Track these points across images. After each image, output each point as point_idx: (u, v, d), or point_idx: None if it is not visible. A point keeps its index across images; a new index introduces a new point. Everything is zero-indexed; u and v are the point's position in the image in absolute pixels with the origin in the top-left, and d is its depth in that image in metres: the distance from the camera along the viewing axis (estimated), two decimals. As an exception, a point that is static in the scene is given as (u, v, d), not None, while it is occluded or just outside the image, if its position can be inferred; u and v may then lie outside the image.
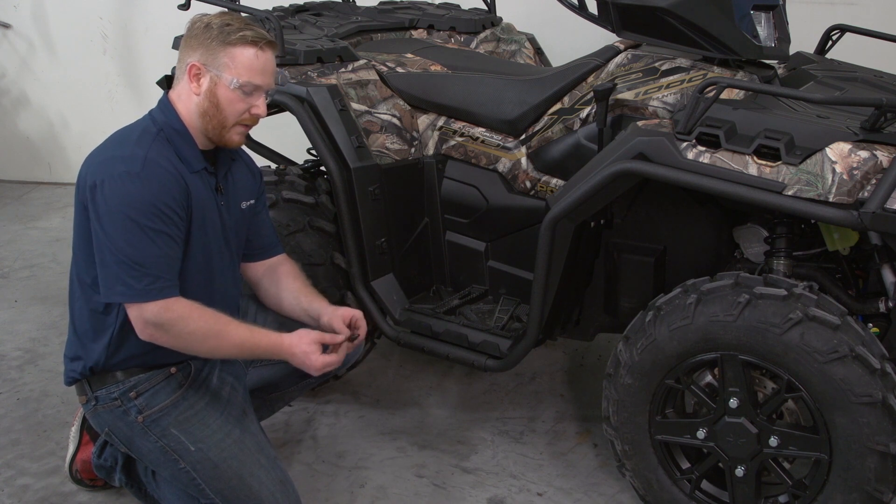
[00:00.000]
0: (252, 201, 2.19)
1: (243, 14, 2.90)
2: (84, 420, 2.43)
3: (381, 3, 3.40)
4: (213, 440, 2.03)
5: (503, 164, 2.51)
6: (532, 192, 2.47)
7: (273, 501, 2.04)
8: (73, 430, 2.44)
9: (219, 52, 1.95)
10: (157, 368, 2.03)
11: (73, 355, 2.08)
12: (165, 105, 2.02)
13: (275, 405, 2.46)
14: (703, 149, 1.96)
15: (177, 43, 2.79)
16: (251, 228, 2.23)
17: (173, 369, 2.05)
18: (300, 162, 2.96)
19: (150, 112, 2.05)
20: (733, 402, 2.04)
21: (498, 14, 3.31)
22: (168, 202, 1.90)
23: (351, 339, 2.13)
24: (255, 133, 3.14)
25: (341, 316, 2.16)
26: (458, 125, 2.58)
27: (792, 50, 2.37)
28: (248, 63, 1.97)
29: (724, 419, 2.06)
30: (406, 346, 2.58)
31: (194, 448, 2.02)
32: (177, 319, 1.90)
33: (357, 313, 2.19)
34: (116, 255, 1.87)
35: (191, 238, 1.98)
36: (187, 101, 2.00)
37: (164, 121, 2.01)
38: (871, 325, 2.14)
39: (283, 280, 2.27)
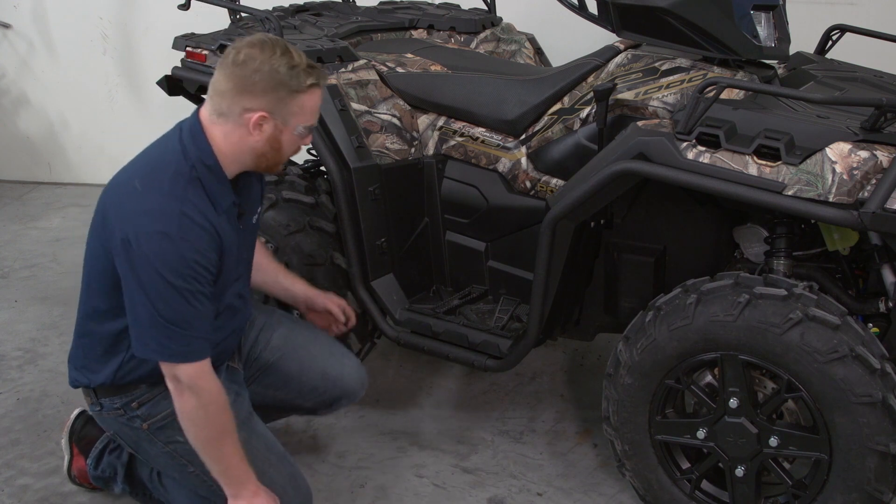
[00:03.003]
0: (260, 208, 2.16)
1: (243, 14, 2.92)
2: (71, 432, 2.40)
3: (381, 3, 3.40)
4: None
5: (503, 164, 2.51)
6: (532, 192, 2.47)
7: (285, 498, 2.06)
8: (63, 442, 2.42)
9: (289, 101, 1.85)
10: (162, 384, 2.00)
11: (80, 366, 2.07)
12: (199, 135, 1.88)
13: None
14: (703, 149, 1.96)
15: (177, 43, 2.80)
16: None
17: None
18: (300, 162, 2.96)
19: (181, 139, 1.90)
20: (733, 402, 2.04)
21: (498, 14, 3.31)
22: (202, 262, 1.84)
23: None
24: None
25: (337, 304, 2.35)
26: (458, 125, 2.58)
27: (792, 50, 2.37)
28: (314, 107, 1.92)
29: (724, 419, 2.06)
30: (406, 346, 2.58)
31: None
32: (205, 392, 1.87)
33: (342, 302, 2.43)
34: (151, 314, 1.81)
35: (216, 280, 1.94)
36: (237, 142, 1.88)
37: (196, 156, 1.88)
38: (871, 325, 2.14)
39: (258, 257, 2.25)
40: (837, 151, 1.85)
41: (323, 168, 2.76)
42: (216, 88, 1.87)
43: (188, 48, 2.73)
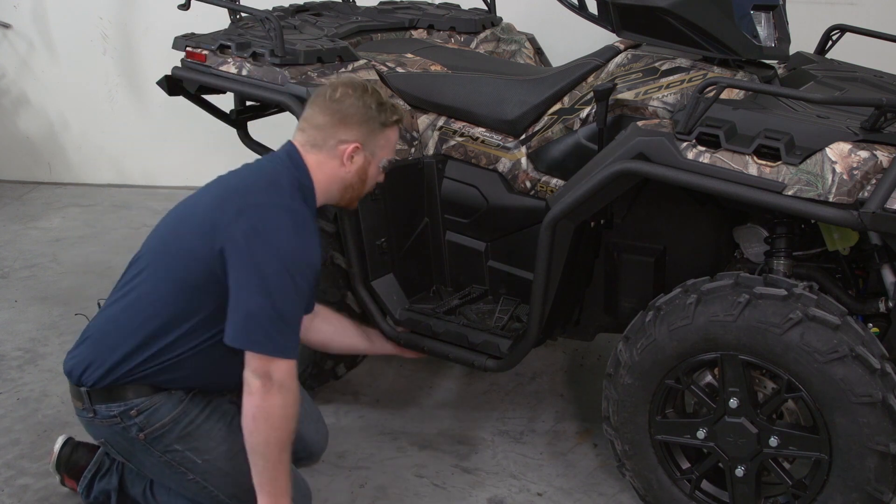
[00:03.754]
0: None
1: (243, 14, 2.92)
2: (58, 464, 2.34)
3: (381, 3, 3.40)
4: (220, 450, 2.02)
5: (503, 164, 2.51)
6: (532, 192, 2.47)
7: None
8: (51, 469, 2.37)
9: (377, 134, 2.05)
10: (165, 391, 2.00)
11: (88, 360, 2.01)
12: (300, 164, 2.02)
13: None
14: (703, 149, 1.96)
15: (177, 43, 2.80)
16: None
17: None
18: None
19: (287, 164, 2.01)
20: (733, 402, 2.04)
21: (498, 14, 3.31)
22: (316, 266, 1.96)
23: None
24: (255, 133, 3.16)
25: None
26: (458, 125, 2.58)
27: (792, 50, 2.37)
28: (395, 142, 2.15)
29: (724, 419, 2.06)
30: (406, 347, 2.58)
31: (201, 461, 2.01)
32: (291, 392, 1.88)
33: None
34: (265, 306, 1.83)
35: None
36: (329, 172, 2.03)
37: (302, 182, 2.00)
38: (871, 325, 2.14)
39: (330, 315, 2.42)
40: (837, 151, 1.85)
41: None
42: (311, 122, 2.04)
43: (188, 48, 2.73)
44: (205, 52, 2.68)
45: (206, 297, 1.92)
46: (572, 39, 3.43)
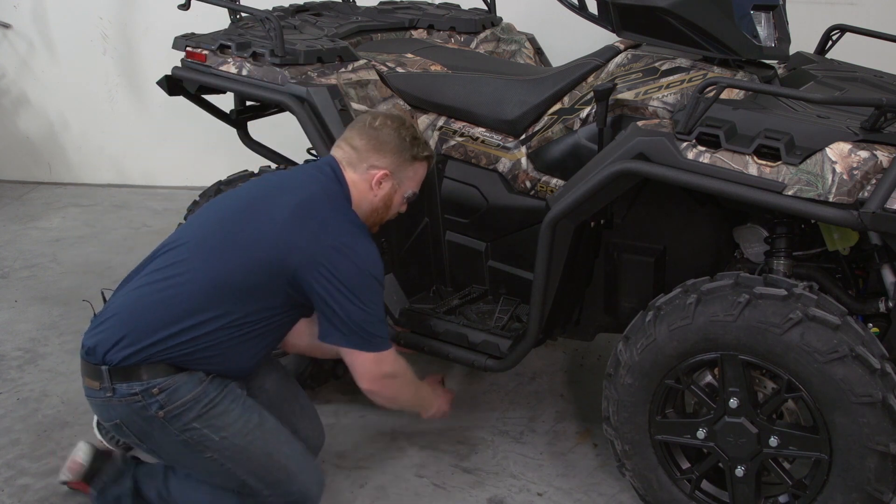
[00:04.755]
0: None
1: (243, 14, 2.92)
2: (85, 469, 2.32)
3: (381, 3, 3.40)
4: (237, 427, 2.07)
5: (503, 164, 2.51)
6: (532, 192, 2.47)
7: (301, 470, 2.15)
8: (70, 474, 2.31)
9: (407, 166, 2.20)
10: (186, 371, 2.04)
11: (117, 338, 2.01)
12: (343, 180, 2.15)
13: None
14: (703, 149, 1.96)
15: (177, 43, 2.80)
16: None
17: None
18: (300, 162, 2.96)
19: (332, 178, 2.14)
20: (733, 402, 2.04)
21: (498, 14, 3.31)
22: (381, 262, 2.14)
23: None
24: (255, 133, 3.16)
25: None
26: (458, 125, 2.58)
27: (792, 50, 2.37)
28: (423, 177, 2.29)
29: (724, 419, 2.06)
30: (406, 347, 2.58)
31: (218, 438, 2.05)
32: (400, 367, 2.20)
33: None
34: (364, 313, 2.04)
35: None
36: (361, 192, 2.17)
37: (346, 195, 2.15)
38: (871, 325, 2.14)
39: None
40: (837, 151, 1.85)
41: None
42: (349, 142, 2.19)
43: (188, 48, 2.73)
44: (205, 52, 2.68)
45: (254, 300, 2.04)
46: (572, 39, 3.43)
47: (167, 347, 2.01)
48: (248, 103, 3.09)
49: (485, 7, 3.34)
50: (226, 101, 2.99)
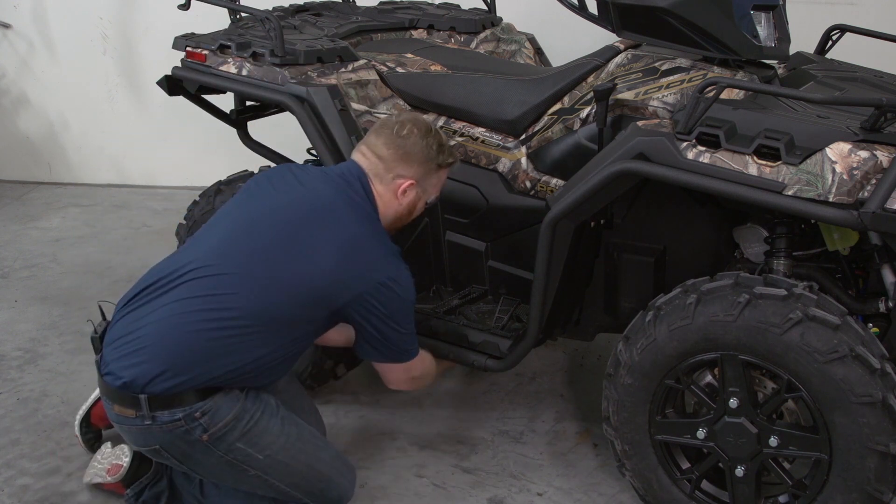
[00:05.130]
0: None
1: (243, 14, 2.92)
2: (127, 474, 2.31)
3: (381, 3, 3.40)
4: (279, 444, 2.08)
5: (503, 164, 2.51)
6: (532, 192, 2.47)
7: (339, 475, 2.21)
8: (114, 476, 2.31)
9: (432, 174, 2.23)
10: (221, 391, 2.02)
11: (157, 373, 1.95)
12: (372, 196, 2.17)
13: None
14: (703, 149, 1.96)
15: (177, 43, 2.80)
16: None
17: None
18: (300, 162, 2.96)
19: (364, 197, 2.16)
20: (733, 402, 2.04)
21: (498, 14, 3.31)
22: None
23: None
24: (255, 133, 3.16)
25: None
26: (458, 125, 2.58)
27: (792, 50, 2.37)
28: (444, 182, 2.33)
29: (724, 419, 2.06)
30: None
31: (262, 456, 2.06)
32: (425, 367, 2.32)
33: None
34: (402, 334, 2.14)
35: None
36: (387, 203, 2.19)
37: (371, 207, 2.17)
38: (871, 325, 2.14)
39: None
40: (837, 151, 1.85)
41: (323, 168, 2.75)
42: (374, 151, 2.19)
43: (188, 48, 2.73)
44: (205, 52, 2.68)
45: (297, 328, 2.07)
46: (572, 39, 3.43)
47: (214, 377, 1.98)
48: (248, 103, 3.09)
49: (485, 7, 3.34)
50: (226, 101, 2.99)
